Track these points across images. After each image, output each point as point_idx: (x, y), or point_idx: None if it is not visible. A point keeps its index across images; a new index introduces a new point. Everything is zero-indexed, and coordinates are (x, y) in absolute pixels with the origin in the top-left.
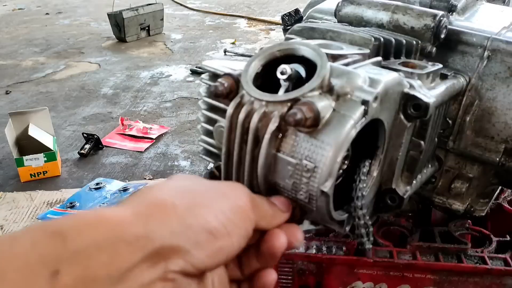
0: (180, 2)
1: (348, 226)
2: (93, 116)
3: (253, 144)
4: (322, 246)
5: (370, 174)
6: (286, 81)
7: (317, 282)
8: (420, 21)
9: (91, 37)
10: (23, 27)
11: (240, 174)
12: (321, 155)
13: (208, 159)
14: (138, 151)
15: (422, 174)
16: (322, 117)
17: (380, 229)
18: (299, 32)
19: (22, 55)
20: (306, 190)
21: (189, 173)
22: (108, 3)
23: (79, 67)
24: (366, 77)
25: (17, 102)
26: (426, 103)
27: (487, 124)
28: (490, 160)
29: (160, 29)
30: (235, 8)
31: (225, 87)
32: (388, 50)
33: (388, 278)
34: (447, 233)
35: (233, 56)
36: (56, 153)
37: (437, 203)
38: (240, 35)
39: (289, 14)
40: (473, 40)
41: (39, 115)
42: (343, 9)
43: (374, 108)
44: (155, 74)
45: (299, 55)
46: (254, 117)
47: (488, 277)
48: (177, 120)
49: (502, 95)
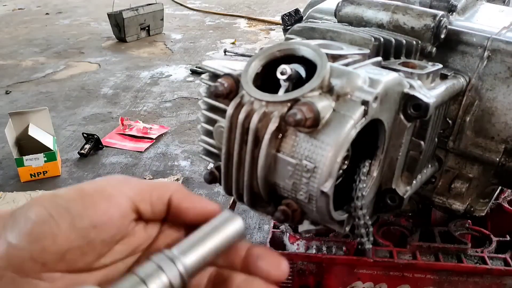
0: (180, 2)
1: (348, 226)
2: (93, 116)
3: (253, 144)
4: (322, 246)
5: (370, 174)
6: (286, 81)
7: (317, 282)
8: (420, 21)
9: (91, 37)
10: (23, 27)
11: (240, 174)
12: (321, 155)
13: (208, 159)
14: (138, 151)
15: (422, 174)
16: (322, 117)
17: (380, 229)
18: (299, 32)
19: (22, 55)
20: (306, 190)
21: (189, 173)
22: (108, 3)
23: (79, 67)
24: (366, 77)
25: (17, 102)
26: (426, 103)
27: (487, 124)
28: (490, 160)
29: (160, 29)
30: (235, 8)
31: (225, 87)
32: (388, 50)
33: (388, 278)
34: (447, 233)
35: (233, 56)
36: (56, 153)
37: (437, 203)
38: (240, 35)
39: (289, 14)
40: (473, 40)
41: (39, 115)
42: (343, 9)
43: (374, 108)
44: (155, 74)
45: (299, 55)
46: (254, 117)
47: (488, 277)
48: (177, 120)
49: (502, 95)
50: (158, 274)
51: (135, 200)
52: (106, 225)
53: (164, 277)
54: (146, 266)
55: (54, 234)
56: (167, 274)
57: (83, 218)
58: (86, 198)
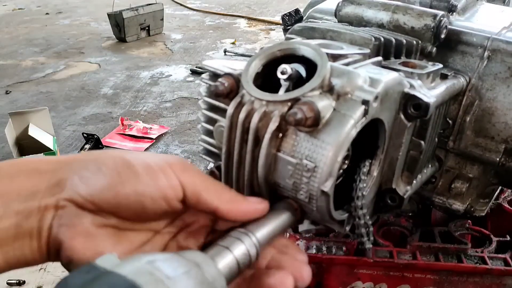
0: (180, 2)
1: (348, 226)
2: (93, 116)
3: (254, 144)
4: (322, 246)
5: (370, 174)
6: (287, 81)
7: (317, 282)
8: (420, 21)
9: (91, 37)
10: (23, 27)
11: (240, 174)
12: (321, 155)
13: (208, 158)
14: (138, 151)
15: (422, 174)
16: (322, 117)
17: (380, 229)
18: (299, 32)
19: (22, 55)
20: (307, 190)
21: None
22: (108, 3)
23: (79, 67)
24: (367, 76)
25: (17, 102)
26: (426, 103)
27: (487, 124)
28: (490, 160)
29: (160, 29)
30: (235, 8)
31: (226, 87)
32: (388, 50)
33: (388, 278)
34: (447, 233)
35: (233, 56)
36: (56, 153)
37: (437, 203)
38: (240, 35)
39: (289, 14)
40: (473, 40)
41: (39, 115)
42: (343, 9)
43: (374, 108)
44: (155, 74)
45: (299, 54)
46: (254, 116)
47: (488, 277)
48: (177, 120)
49: (502, 95)
50: (238, 243)
51: (188, 191)
52: (161, 199)
53: (243, 246)
54: (227, 238)
55: (117, 191)
56: (245, 244)
57: (145, 188)
58: (150, 171)
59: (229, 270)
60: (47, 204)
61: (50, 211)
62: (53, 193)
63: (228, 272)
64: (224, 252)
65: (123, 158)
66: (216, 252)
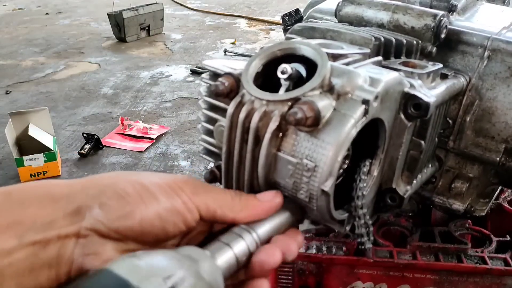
0: (180, 2)
1: (349, 225)
2: (93, 116)
3: (254, 144)
4: (322, 246)
5: (371, 173)
6: (287, 81)
7: (317, 282)
8: (421, 21)
9: (91, 37)
10: (23, 27)
11: (241, 173)
12: (321, 154)
13: (209, 158)
14: (138, 151)
15: (423, 174)
16: (322, 116)
17: (380, 229)
18: (300, 32)
19: (22, 55)
20: (307, 190)
21: (189, 173)
22: (108, 3)
23: (79, 67)
24: (367, 76)
25: (17, 102)
26: (426, 103)
27: (487, 124)
28: (490, 160)
29: (160, 29)
30: (235, 8)
31: (226, 87)
32: (388, 49)
33: (388, 278)
34: (447, 233)
35: (233, 56)
36: (56, 153)
37: (437, 203)
38: (240, 35)
39: (289, 14)
40: (474, 40)
41: (39, 115)
42: (344, 9)
43: (374, 107)
44: (155, 74)
45: (299, 54)
46: (254, 116)
47: (488, 277)
48: (177, 120)
49: (502, 95)
50: (239, 240)
51: (203, 212)
52: (181, 223)
53: (244, 242)
54: (229, 234)
55: (142, 218)
56: (246, 241)
57: (167, 213)
58: (167, 196)
59: (227, 266)
60: (68, 233)
61: (71, 240)
62: (73, 222)
63: (226, 268)
64: (224, 248)
65: (141, 183)
66: (216, 248)
